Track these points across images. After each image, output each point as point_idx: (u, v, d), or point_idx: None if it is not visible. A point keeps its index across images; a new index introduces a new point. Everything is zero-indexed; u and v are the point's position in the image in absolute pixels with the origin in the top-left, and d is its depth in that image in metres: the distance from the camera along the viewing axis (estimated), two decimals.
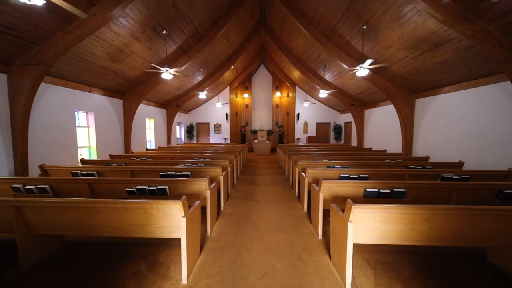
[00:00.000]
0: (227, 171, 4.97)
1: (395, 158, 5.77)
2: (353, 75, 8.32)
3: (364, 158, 5.98)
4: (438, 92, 6.46)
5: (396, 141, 8.20)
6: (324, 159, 5.90)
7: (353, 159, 5.89)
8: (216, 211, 3.69)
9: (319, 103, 14.45)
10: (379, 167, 4.97)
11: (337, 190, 3.14)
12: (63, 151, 5.68)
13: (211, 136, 14.88)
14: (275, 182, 6.58)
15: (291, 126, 15.21)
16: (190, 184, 3.26)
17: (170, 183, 3.27)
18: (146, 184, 3.28)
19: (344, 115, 13.49)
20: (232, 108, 15.27)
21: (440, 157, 6.31)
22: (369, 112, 10.42)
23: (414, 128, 7.43)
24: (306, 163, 5.05)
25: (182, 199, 2.20)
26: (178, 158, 6.44)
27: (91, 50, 5.13)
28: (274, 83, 15.88)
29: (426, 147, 6.92)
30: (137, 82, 7.70)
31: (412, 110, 7.39)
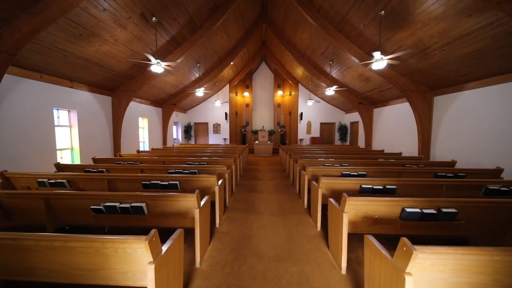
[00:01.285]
0: (225, 179, 4.25)
1: (417, 163, 5.03)
2: (363, 70, 7.59)
3: (383, 163, 5.24)
4: (462, 88, 5.73)
5: (410, 143, 7.46)
6: (335, 163, 5.15)
7: (368, 164, 5.15)
8: (208, 232, 2.96)
9: (324, 102, 13.71)
10: (404, 175, 4.23)
11: (366, 209, 2.41)
12: (39, 153, 4.95)
13: (210, 137, 14.15)
14: (279, 188, 5.86)
15: (293, 126, 14.49)
16: (175, 200, 2.53)
17: (149, 199, 2.53)
18: (119, 199, 2.55)
19: (350, 114, 12.75)
20: (232, 107, 14.54)
21: (465, 162, 5.57)
22: (378, 111, 9.68)
23: (433, 129, 6.68)
24: (316, 169, 4.32)
25: (150, 236, 1.47)
26: (170, 162, 5.71)
27: (67, 37, 4.40)
28: (276, 81, 15.15)
29: (446, 150, 6.18)
30: (127, 77, 6.97)
31: (431, 108, 6.65)
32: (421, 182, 3.46)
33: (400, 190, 3.28)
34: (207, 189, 3.49)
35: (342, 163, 5.06)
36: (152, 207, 2.55)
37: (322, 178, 3.42)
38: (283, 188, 5.87)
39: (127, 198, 2.54)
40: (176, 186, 3.41)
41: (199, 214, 2.49)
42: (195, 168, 4.47)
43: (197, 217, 2.47)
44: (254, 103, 15.78)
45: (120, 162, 5.35)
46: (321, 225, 3.42)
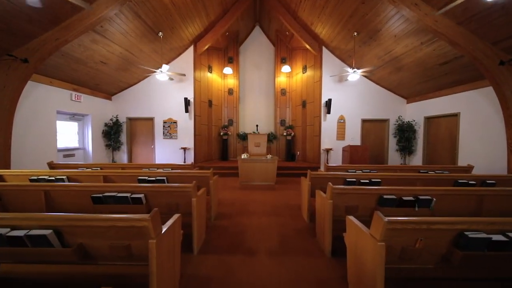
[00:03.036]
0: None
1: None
2: None
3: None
4: None
5: None
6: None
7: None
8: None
9: (367, 82, 7.51)
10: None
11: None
12: None
13: (158, 144, 7.60)
14: None
15: (311, 126, 8.19)
16: None
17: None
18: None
19: (418, 104, 6.65)
20: (200, 92, 8.12)
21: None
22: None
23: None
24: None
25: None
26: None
27: None
28: (279, 54, 9.04)
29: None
30: None
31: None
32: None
33: None
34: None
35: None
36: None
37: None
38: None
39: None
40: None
41: None
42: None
43: None
44: (242, 88, 9.53)
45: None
46: None
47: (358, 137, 7.66)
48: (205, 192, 3.02)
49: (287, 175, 7.28)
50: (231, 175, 7.23)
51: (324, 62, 7.56)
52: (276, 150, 9.27)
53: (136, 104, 7.65)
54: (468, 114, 5.57)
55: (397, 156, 7.63)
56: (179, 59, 7.51)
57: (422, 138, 6.94)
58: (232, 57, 9.33)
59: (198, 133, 7.89)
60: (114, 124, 7.31)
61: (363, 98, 7.62)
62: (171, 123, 7.60)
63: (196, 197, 2.55)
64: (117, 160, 7.62)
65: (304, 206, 3.75)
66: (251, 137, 7.31)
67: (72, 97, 6.00)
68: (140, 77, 7.38)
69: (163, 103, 7.65)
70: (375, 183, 3.51)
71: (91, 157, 6.73)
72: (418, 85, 6.51)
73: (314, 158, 7.98)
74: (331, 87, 7.58)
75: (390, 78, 6.90)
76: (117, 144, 7.39)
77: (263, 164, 6.18)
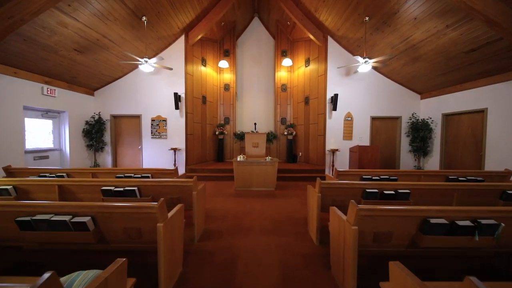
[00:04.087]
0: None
1: None
2: None
3: None
4: None
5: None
6: None
7: None
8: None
9: (377, 76, 6.79)
10: None
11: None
12: None
13: (145, 144, 6.87)
14: None
15: (315, 125, 7.46)
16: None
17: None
18: None
19: (435, 100, 5.94)
20: (194, 86, 7.38)
21: None
22: None
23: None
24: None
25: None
26: None
27: None
28: (279, 46, 8.34)
29: None
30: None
31: None
32: None
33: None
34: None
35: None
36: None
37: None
38: None
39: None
40: None
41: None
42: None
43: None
44: (239, 84, 8.85)
45: None
46: None
47: (367, 136, 6.91)
48: (181, 211, 2.27)
49: (288, 179, 6.55)
50: (226, 179, 6.49)
51: (330, 54, 6.80)
52: (276, 151, 8.53)
53: (121, 100, 6.88)
54: (497, 110, 4.83)
55: (410, 158, 6.89)
56: (169, 50, 6.75)
57: (440, 138, 6.21)
58: (228, 50, 8.58)
59: (190, 132, 7.14)
60: (96, 122, 6.55)
61: (372, 94, 6.87)
62: (160, 121, 6.84)
63: (164, 221, 1.79)
64: (100, 162, 6.88)
65: (312, 224, 3.01)
66: (249, 136, 6.57)
67: (44, 91, 5.24)
68: (125, 70, 6.62)
69: (151, 99, 6.88)
70: (403, 196, 2.78)
71: (69, 159, 5.99)
72: (437, 78, 5.76)
73: (318, 160, 7.24)
74: (337, 82, 6.82)
75: (403, 70, 6.15)
76: (99, 145, 6.63)
77: (262, 167, 5.44)
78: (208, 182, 6.33)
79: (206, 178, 6.65)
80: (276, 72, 8.58)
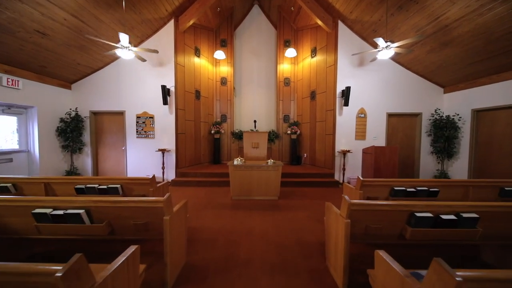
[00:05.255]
0: None
1: None
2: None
3: None
4: None
5: None
6: None
7: None
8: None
9: (394, 67, 5.96)
10: None
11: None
12: None
13: (130, 145, 6.05)
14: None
15: (322, 123, 6.62)
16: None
17: None
18: None
19: (463, 94, 5.15)
20: (186, 79, 6.54)
21: None
22: None
23: None
24: None
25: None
26: None
27: None
28: (281, 36, 7.47)
29: None
30: None
31: None
32: None
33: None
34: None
35: None
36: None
37: None
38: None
39: None
40: None
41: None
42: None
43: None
44: (238, 78, 8.02)
45: None
46: None
47: (383, 135, 6.06)
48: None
49: (292, 184, 5.71)
50: (222, 184, 5.65)
51: (340, 41, 5.93)
52: (278, 152, 7.69)
53: (102, 95, 6.00)
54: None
55: (430, 161, 6.03)
56: (157, 37, 5.88)
57: (469, 138, 5.36)
58: (225, 40, 7.70)
59: (181, 131, 6.28)
60: (73, 119, 5.71)
61: (389, 87, 5.99)
62: (147, 118, 5.98)
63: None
64: (79, 165, 6.03)
65: (335, 259, 2.14)
66: (248, 136, 5.72)
67: (3, 82, 4.39)
68: (105, 60, 5.75)
69: (136, 93, 6.00)
70: (468, 222, 1.93)
71: (38, 163, 5.15)
72: (469, 67, 4.90)
73: (326, 162, 6.40)
74: (349, 73, 5.95)
75: (428, 59, 5.28)
76: (77, 145, 5.79)
77: (263, 173, 4.59)
78: (201, 189, 5.49)
79: (200, 184, 5.81)
80: (278, 64, 7.71)
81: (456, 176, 5.64)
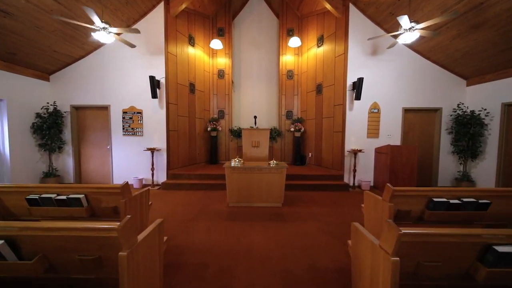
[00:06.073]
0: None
1: None
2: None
3: None
4: None
5: None
6: None
7: None
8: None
9: (412, 56, 5.31)
10: None
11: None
12: None
13: (116, 143, 5.41)
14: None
15: (330, 119, 6.00)
16: None
17: None
18: None
19: (491, 86, 4.55)
20: (178, 70, 5.90)
21: None
22: None
23: None
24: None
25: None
26: None
27: None
28: (284, 24, 6.84)
29: None
30: None
31: None
32: None
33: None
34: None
35: None
36: None
37: None
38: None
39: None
40: None
41: None
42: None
43: None
44: (237, 71, 7.36)
45: None
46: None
47: (398, 133, 5.41)
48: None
49: (296, 188, 5.09)
50: (219, 187, 5.03)
51: (351, 27, 5.28)
52: (280, 151, 7.06)
53: (84, 87, 5.35)
54: None
55: (450, 161, 5.41)
56: (144, 22, 5.23)
57: (498, 136, 4.73)
58: (223, 29, 7.04)
59: (173, 128, 5.65)
60: (50, 114, 5.08)
61: (405, 79, 5.34)
62: (134, 113, 5.34)
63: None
64: (60, 166, 5.40)
65: None
66: (247, 133, 5.10)
67: None
68: (86, 47, 5.10)
69: (122, 86, 5.34)
70: None
71: (9, 164, 4.53)
72: (502, 54, 4.26)
73: (334, 163, 5.77)
74: (361, 63, 5.29)
75: (452, 45, 4.63)
76: (56, 144, 5.18)
77: (265, 176, 3.97)
78: (195, 193, 4.88)
79: (194, 187, 5.19)
80: (280, 56, 7.05)
81: (481, 179, 5.01)
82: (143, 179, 5.38)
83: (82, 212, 2.31)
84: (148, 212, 2.72)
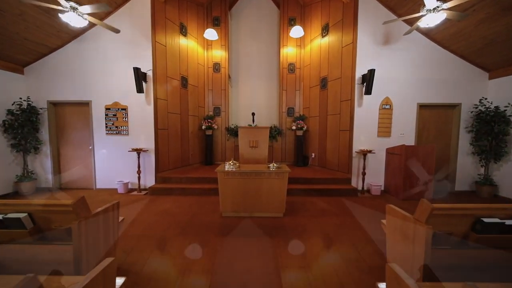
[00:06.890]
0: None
1: None
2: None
3: None
4: None
5: None
6: None
7: None
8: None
9: (428, 46, 4.74)
10: None
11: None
12: None
13: (98, 143, 4.88)
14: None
15: (336, 116, 5.44)
16: None
17: None
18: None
19: (511, 78, 3.92)
20: (168, 62, 5.32)
21: None
22: None
23: None
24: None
25: None
26: None
27: None
28: (285, 13, 6.28)
29: None
30: None
31: None
32: None
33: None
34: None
35: None
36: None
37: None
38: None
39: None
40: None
41: None
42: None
43: None
44: (234, 64, 6.79)
45: None
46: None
47: (412, 132, 4.88)
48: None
49: (298, 192, 4.56)
50: (213, 192, 4.50)
51: (361, 14, 4.73)
52: (280, 151, 6.53)
53: (63, 81, 4.78)
54: None
55: (470, 163, 4.88)
56: (129, 6, 4.65)
57: None
58: (218, 18, 6.47)
59: (162, 126, 5.11)
60: (24, 111, 4.55)
61: (420, 71, 4.78)
62: (118, 110, 4.79)
63: None
64: (36, 170, 4.87)
65: None
66: (244, 132, 4.56)
67: None
68: (64, 36, 4.54)
69: (105, 79, 4.78)
70: None
71: None
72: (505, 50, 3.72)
73: (341, 165, 5.25)
74: (372, 54, 4.72)
75: (476, 32, 4.07)
76: (31, 144, 4.64)
77: (264, 182, 3.44)
78: (186, 198, 4.35)
79: (185, 192, 4.67)
80: (281, 48, 6.49)
81: (505, 183, 4.49)
82: (128, 183, 4.85)
83: (25, 235, 1.80)
84: (118, 231, 2.20)
